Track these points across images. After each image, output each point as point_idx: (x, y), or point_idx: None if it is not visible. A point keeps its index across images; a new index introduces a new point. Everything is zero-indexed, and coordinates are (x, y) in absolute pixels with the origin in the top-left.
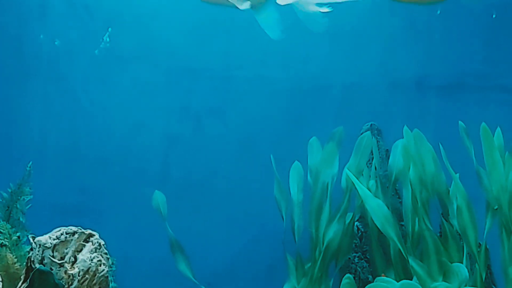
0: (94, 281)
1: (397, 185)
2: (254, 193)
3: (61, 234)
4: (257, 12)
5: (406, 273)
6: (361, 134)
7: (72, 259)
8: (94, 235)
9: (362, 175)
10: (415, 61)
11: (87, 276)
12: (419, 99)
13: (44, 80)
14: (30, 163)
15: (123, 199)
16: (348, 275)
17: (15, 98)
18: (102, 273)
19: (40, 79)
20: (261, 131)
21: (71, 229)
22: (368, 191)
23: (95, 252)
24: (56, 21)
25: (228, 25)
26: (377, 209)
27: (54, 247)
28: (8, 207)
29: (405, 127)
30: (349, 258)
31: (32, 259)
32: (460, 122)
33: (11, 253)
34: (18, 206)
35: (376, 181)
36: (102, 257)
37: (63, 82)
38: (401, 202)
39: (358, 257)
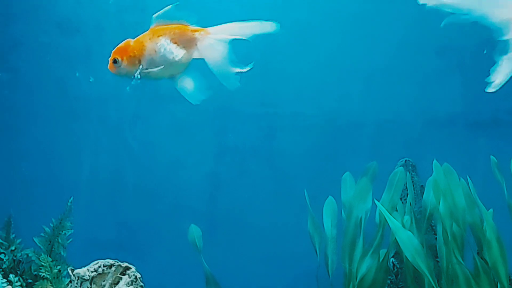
0: None
1: (432, 221)
2: (288, 228)
3: (99, 266)
4: (176, 83)
5: None
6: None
7: None
8: (130, 268)
9: (397, 210)
10: (449, 98)
11: None
12: (453, 135)
13: (86, 118)
14: (71, 198)
15: (160, 234)
16: None
17: (59, 135)
18: None
19: (83, 118)
20: (295, 167)
21: (108, 262)
22: (398, 223)
23: (132, 285)
24: (99, 62)
25: (262, 63)
26: (407, 241)
27: (92, 280)
28: (50, 242)
29: (435, 161)
30: None
31: None
32: (492, 156)
33: (52, 286)
34: (59, 240)
35: (411, 216)
36: None
37: (107, 121)
38: (436, 238)
39: None
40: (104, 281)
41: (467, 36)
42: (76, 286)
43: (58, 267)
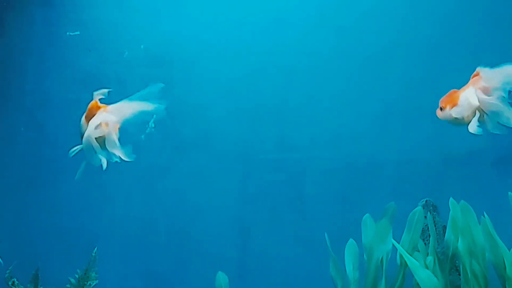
0: None
1: (456, 261)
2: (311, 273)
3: None
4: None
5: None
6: None
7: None
8: None
9: (419, 251)
10: (469, 135)
11: None
12: (473, 173)
13: (111, 169)
14: (96, 249)
15: (187, 282)
16: None
17: (85, 187)
18: None
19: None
20: (315, 211)
21: None
22: (417, 262)
23: None
24: None
25: (279, 109)
26: (427, 280)
27: None
28: None
29: (451, 199)
30: None
31: None
32: (510, 193)
33: None
34: None
35: (434, 257)
36: None
37: (132, 171)
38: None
39: None
40: None
41: None
42: None
43: None
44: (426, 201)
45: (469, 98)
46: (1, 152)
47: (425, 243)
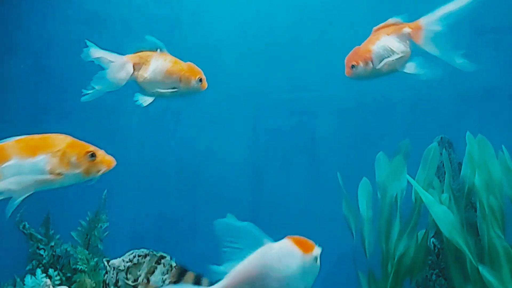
0: None
1: (472, 198)
2: (323, 212)
3: (134, 257)
4: None
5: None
6: None
7: (145, 280)
8: (165, 257)
9: (434, 188)
10: (485, 71)
11: None
12: (489, 110)
13: (122, 112)
14: (105, 191)
15: (199, 225)
16: None
17: (94, 130)
18: None
19: (118, 112)
20: (328, 150)
21: (142, 252)
22: (432, 198)
23: (167, 273)
24: None
25: (290, 48)
26: (443, 216)
27: (127, 270)
28: (87, 235)
29: (468, 133)
30: (426, 275)
31: (107, 282)
32: None
33: (90, 278)
34: (95, 233)
35: (449, 194)
36: None
37: (144, 114)
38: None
39: (435, 274)
40: (139, 271)
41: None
42: (112, 277)
43: (95, 260)
44: (442, 138)
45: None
46: (6, 96)
47: (440, 181)
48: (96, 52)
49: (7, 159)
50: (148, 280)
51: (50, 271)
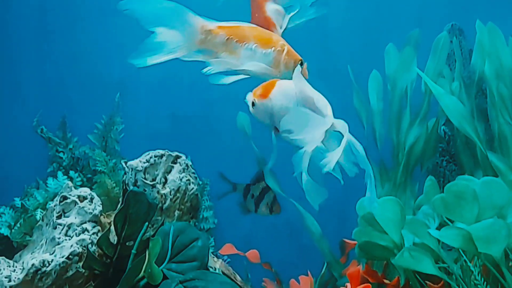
0: (185, 199)
1: (483, 85)
2: (334, 106)
3: (150, 157)
4: None
5: (494, 173)
6: None
7: (163, 180)
8: (180, 156)
9: (444, 77)
10: None
11: (178, 195)
12: None
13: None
14: (118, 94)
15: (210, 122)
16: (430, 176)
17: (100, 35)
18: (192, 191)
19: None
20: (337, 43)
21: (159, 152)
22: (441, 89)
23: (183, 172)
24: None
25: None
26: (452, 106)
27: (145, 170)
28: (104, 137)
29: (478, 21)
30: (437, 162)
31: (126, 182)
32: None
33: (110, 179)
34: (112, 135)
35: (460, 82)
36: (190, 176)
37: None
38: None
39: (446, 160)
40: (156, 171)
41: None
42: (131, 178)
43: (114, 161)
44: (452, 25)
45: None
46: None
47: (450, 69)
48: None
49: (247, 41)
50: (166, 179)
51: (71, 173)
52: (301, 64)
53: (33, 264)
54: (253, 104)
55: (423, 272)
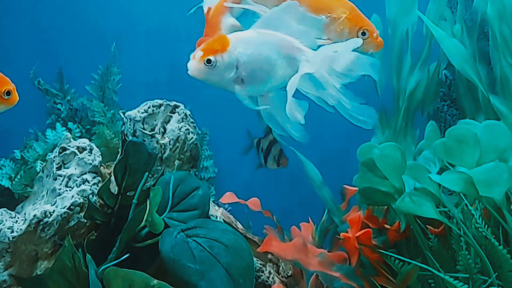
0: (185, 149)
1: (485, 27)
2: None
3: (148, 107)
4: None
5: (496, 117)
6: None
7: (162, 130)
8: (179, 106)
9: (445, 20)
10: None
11: (177, 144)
12: None
13: None
14: (114, 44)
15: None
16: (431, 121)
17: None
18: (191, 141)
19: None
20: None
21: (157, 102)
22: (442, 32)
23: (182, 122)
24: None
25: None
26: (453, 49)
27: (143, 120)
28: (101, 88)
29: None
30: (438, 107)
31: (125, 132)
32: None
33: (108, 129)
34: (109, 86)
35: (461, 25)
36: (189, 126)
37: None
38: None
39: (447, 105)
40: (155, 121)
41: None
42: (129, 128)
43: (112, 112)
44: None
45: None
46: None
47: (452, 11)
48: None
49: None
50: (165, 129)
51: (70, 124)
52: (364, 34)
53: (35, 215)
54: (208, 61)
55: (424, 216)
